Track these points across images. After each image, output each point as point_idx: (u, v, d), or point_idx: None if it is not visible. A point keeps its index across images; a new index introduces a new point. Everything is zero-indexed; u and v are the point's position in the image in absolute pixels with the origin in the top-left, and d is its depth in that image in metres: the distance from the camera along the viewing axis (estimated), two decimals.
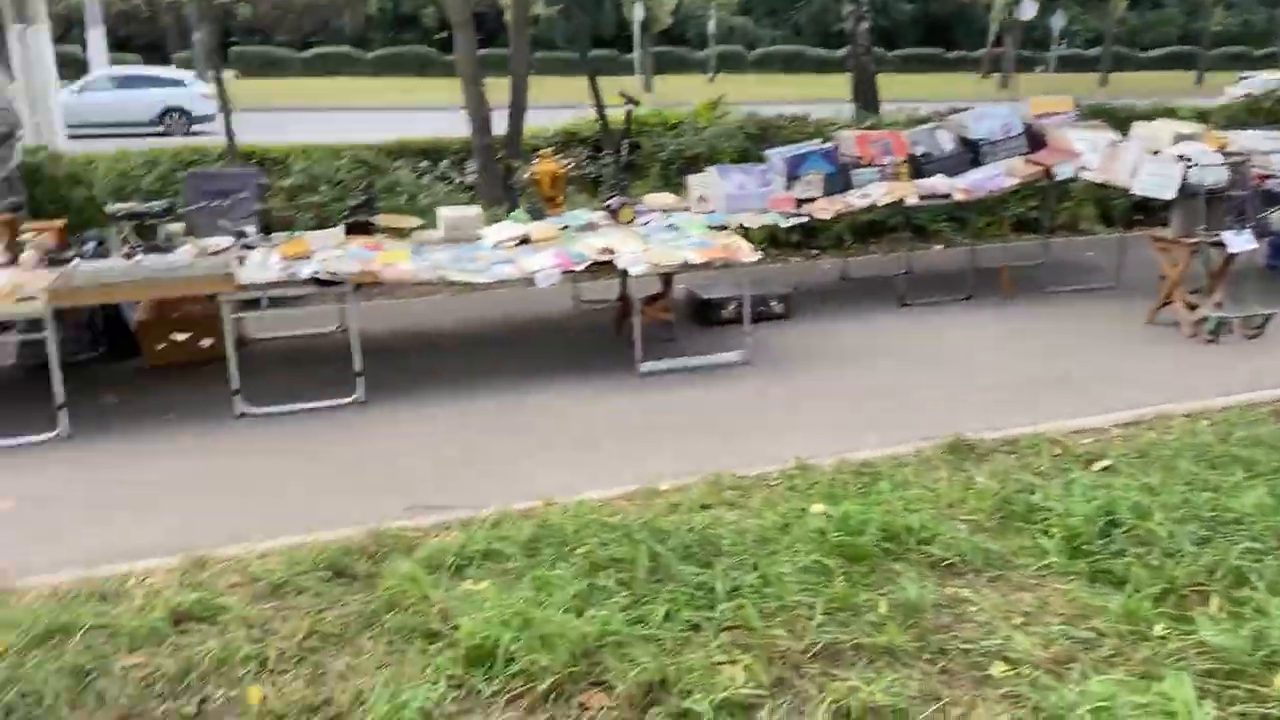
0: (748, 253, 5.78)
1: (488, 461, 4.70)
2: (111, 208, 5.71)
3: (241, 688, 2.87)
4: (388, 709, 2.65)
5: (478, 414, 5.26)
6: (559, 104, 11.76)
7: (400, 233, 6.28)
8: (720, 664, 2.86)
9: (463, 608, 3.16)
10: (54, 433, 4.94)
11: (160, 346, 5.86)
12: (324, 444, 4.92)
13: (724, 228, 6.24)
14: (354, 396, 5.39)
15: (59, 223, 5.78)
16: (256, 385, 5.33)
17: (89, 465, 4.70)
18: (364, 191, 6.35)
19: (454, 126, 9.76)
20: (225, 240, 5.83)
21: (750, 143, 8.82)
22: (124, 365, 5.95)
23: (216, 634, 3.13)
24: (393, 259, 5.60)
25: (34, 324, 5.09)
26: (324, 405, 5.31)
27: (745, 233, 6.29)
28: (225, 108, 8.77)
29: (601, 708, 2.73)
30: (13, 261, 5.45)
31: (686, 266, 5.69)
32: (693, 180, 6.73)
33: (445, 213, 6.28)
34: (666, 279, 6.33)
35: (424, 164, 9.52)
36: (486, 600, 3.16)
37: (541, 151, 6.72)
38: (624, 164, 7.36)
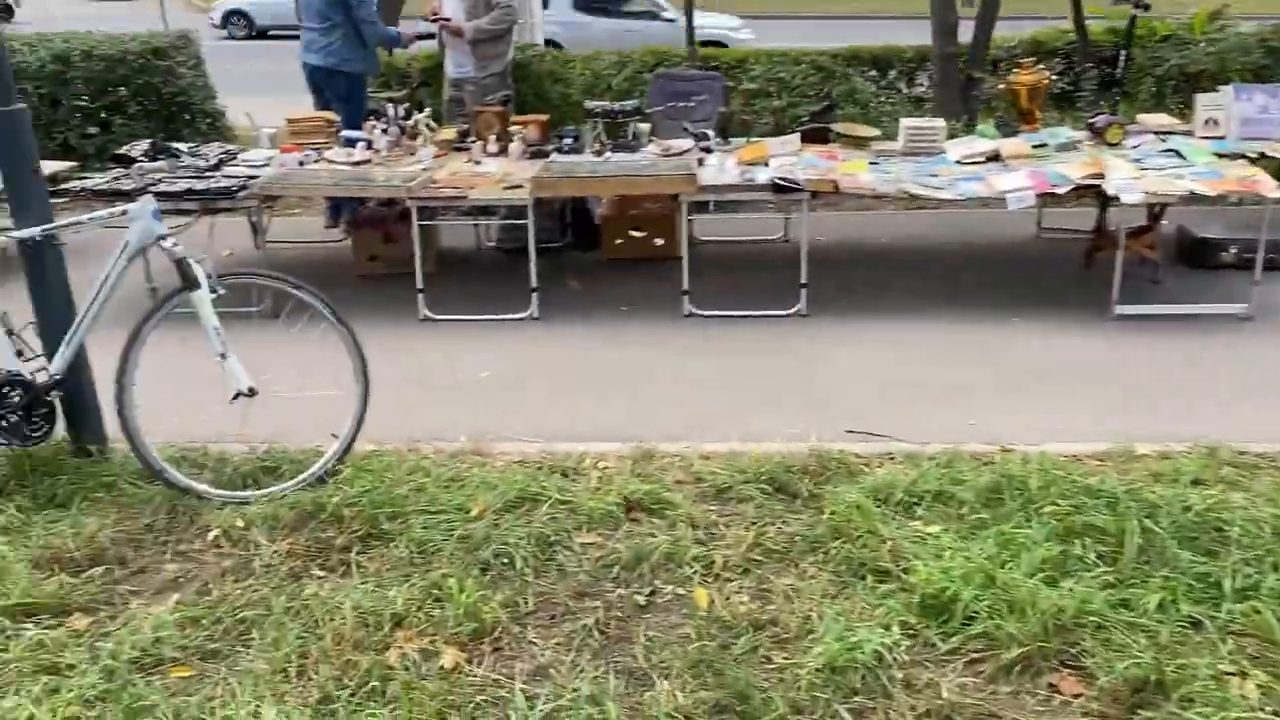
0: (1272, 188, 4.86)
1: (934, 393, 4.40)
2: (590, 105, 5.99)
3: (689, 588, 2.88)
4: (839, 645, 2.51)
5: (924, 340, 4.96)
6: (1018, 14, 10.76)
7: (857, 142, 6.02)
8: (1228, 674, 2.41)
9: (914, 550, 2.95)
10: (526, 313, 5.33)
11: (618, 241, 6.13)
12: (763, 354, 4.88)
13: (1240, 156, 5.30)
14: (796, 309, 5.29)
15: (543, 117, 6.17)
16: (702, 287, 5.39)
17: (553, 346, 5.03)
18: (825, 98, 6.13)
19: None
20: (686, 142, 5.91)
21: (1272, 59, 7.45)
22: (585, 256, 6.29)
23: (665, 528, 3.18)
24: (852, 169, 5.37)
25: (515, 211, 5.49)
26: (765, 314, 5.27)
27: (1258, 163, 5.31)
28: (689, 12, 8.89)
29: (1077, 695, 2.41)
30: (502, 151, 5.90)
31: (1193, 198, 4.91)
32: (1201, 100, 5.78)
33: (908, 123, 5.91)
34: (1155, 212, 5.52)
35: (872, 73, 9.14)
36: (944, 547, 2.92)
37: (1022, 61, 6.08)
38: (1118, 78, 6.49)
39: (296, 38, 6.84)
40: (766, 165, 5.49)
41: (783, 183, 5.13)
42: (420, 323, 5.33)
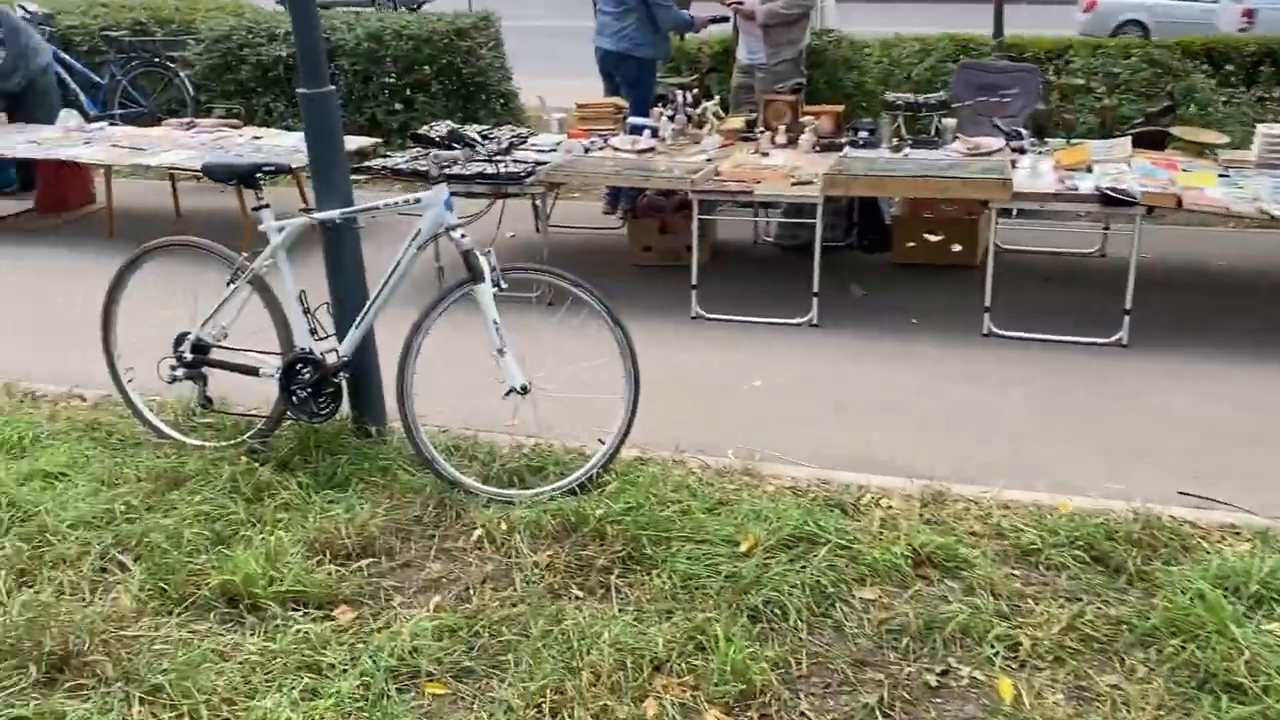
0: None
1: None
2: (890, 96, 5.55)
3: (989, 673, 2.48)
4: None
5: (1274, 386, 4.21)
6: None
7: (1198, 150, 5.25)
8: None
9: (1278, 663, 2.40)
10: (805, 318, 4.99)
11: (909, 245, 5.65)
12: (1075, 386, 4.31)
13: None
14: (1115, 337, 4.65)
15: (838, 108, 5.78)
16: (1003, 303, 4.85)
17: (833, 358, 4.67)
18: (1167, 97, 5.37)
19: None
20: (996, 140, 5.35)
21: None
22: (871, 258, 5.85)
23: (961, 593, 2.78)
24: (1197, 182, 4.65)
25: (800, 207, 5.16)
26: (1079, 340, 4.67)
27: None
28: None
29: None
30: (791, 143, 5.58)
31: None
32: None
33: (1267, 130, 5.08)
34: None
35: (1205, 68, 8.03)
36: None
37: None
38: None
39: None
40: (1089, 171, 4.87)
41: (1114, 194, 4.50)
42: (692, 320, 5.11)
